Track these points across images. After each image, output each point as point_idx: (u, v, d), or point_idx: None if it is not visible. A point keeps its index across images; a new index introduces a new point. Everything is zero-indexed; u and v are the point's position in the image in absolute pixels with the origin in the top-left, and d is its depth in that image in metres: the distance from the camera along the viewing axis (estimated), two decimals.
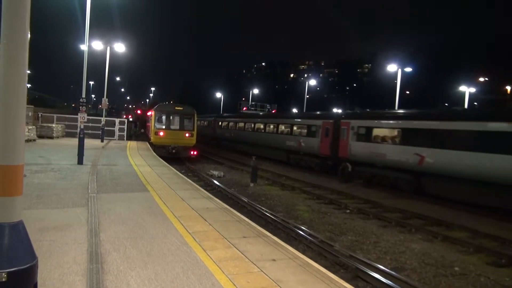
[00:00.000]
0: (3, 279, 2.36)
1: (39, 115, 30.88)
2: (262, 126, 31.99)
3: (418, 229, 11.20)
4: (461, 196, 14.66)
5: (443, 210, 14.17)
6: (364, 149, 19.29)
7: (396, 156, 17.35)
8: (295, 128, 26.50)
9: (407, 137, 17.17)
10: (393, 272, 7.33)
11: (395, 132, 18.16)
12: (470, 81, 46.53)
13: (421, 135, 16.54)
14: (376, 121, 19.72)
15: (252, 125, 33.47)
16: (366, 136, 19.45)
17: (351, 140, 20.11)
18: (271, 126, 30.38)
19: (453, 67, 65.57)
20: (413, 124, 17.35)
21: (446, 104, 62.07)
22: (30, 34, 2.65)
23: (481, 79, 57.56)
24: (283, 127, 28.37)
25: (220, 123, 41.84)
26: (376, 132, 19.21)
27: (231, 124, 39.23)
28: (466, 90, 40.76)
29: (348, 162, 20.15)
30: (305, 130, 24.85)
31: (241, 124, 36.06)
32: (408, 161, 16.66)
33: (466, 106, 40.36)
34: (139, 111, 74.50)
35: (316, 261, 6.00)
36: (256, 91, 71.01)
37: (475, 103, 54.34)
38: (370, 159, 18.84)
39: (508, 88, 53.88)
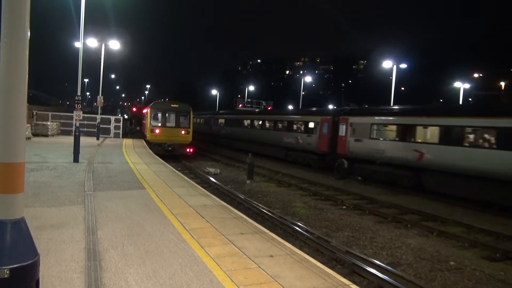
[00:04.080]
0: (6, 276, 2.37)
1: (34, 113, 30.67)
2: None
3: (414, 225, 11.29)
4: (247, 149, 27.30)
5: (439, 205, 14.28)
6: (219, 128, 40.31)
7: (226, 131, 38.05)
8: (201, 119, 48.34)
9: (228, 123, 38.42)
10: (389, 267, 7.40)
11: (223, 121, 40.04)
12: (465, 77, 46.79)
13: (230, 121, 38.13)
14: (220, 116, 42.33)
15: None
16: (218, 122, 41.15)
17: (216, 126, 41.31)
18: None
19: (448, 64, 65.88)
20: (229, 117, 39.76)
21: (441, 100, 62.41)
22: (29, 32, 2.65)
23: (476, 75, 57.85)
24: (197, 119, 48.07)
25: None
26: (219, 121, 40.90)
27: None
28: (461, 86, 40.98)
29: (218, 136, 40.13)
30: (203, 120, 47.79)
31: None
32: (228, 132, 37.20)
33: (460, 102, 40.62)
34: (134, 109, 74.24)
35: (313, 257, 6.04)
36: (252, 88, 70.97)
37: (470, 99, 54.71)
38: (219, 134, 39.74)
39: (503, 84, 54.18)
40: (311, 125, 23.57)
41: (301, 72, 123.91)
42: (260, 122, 31.32)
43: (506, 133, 13.15)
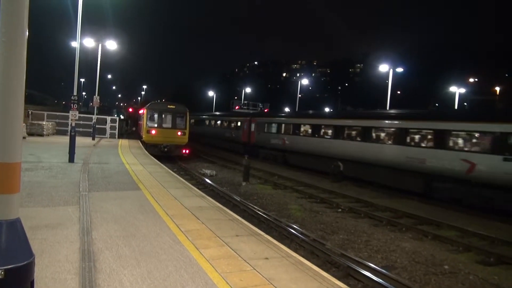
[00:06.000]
0: (0, 277, 2.35)
1: (29, 113, 30.51)
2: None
3: (408, 228, 11.33)
4: (208, 141, 41.71)
5: (433, 209, 14.35)
6: (196, 130, 43.42)
7: (195, 129, 40.91)
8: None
9: (196, 123, 46.24)
10: (384, 271, 7.42)
11: (193, 121, 43.05)
12: (461, 82, 47.08)
13: (197, 121, 47.42)
14: (191, 117, 43.72)
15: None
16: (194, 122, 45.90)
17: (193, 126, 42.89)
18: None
19: (444, 68, 66.24)
20: (196, 117, 47.24)
21: (436, 104, 62.76)
22: (28, 31, 2.64)
23: (471, 80, 58.21)
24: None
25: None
26: (191, 120, 40.81)
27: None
28: (456, 90, 41.23)
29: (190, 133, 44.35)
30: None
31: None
32: (196, 130, 42.39)
33: (456, 106, 40.89)
34: (130, 109, 74.11)
35: (308, 260, 6.04)
36: (248, 90, 71.03)
37: (465, 104, 55.06)
38: (196, 131, 42.45)
39: (497, 88, 54.53)
40: (239, 123, 34.39)
41: (298, 74, 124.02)
42: (213, 122, 43.02)
43: (314, 128, 23.55)
